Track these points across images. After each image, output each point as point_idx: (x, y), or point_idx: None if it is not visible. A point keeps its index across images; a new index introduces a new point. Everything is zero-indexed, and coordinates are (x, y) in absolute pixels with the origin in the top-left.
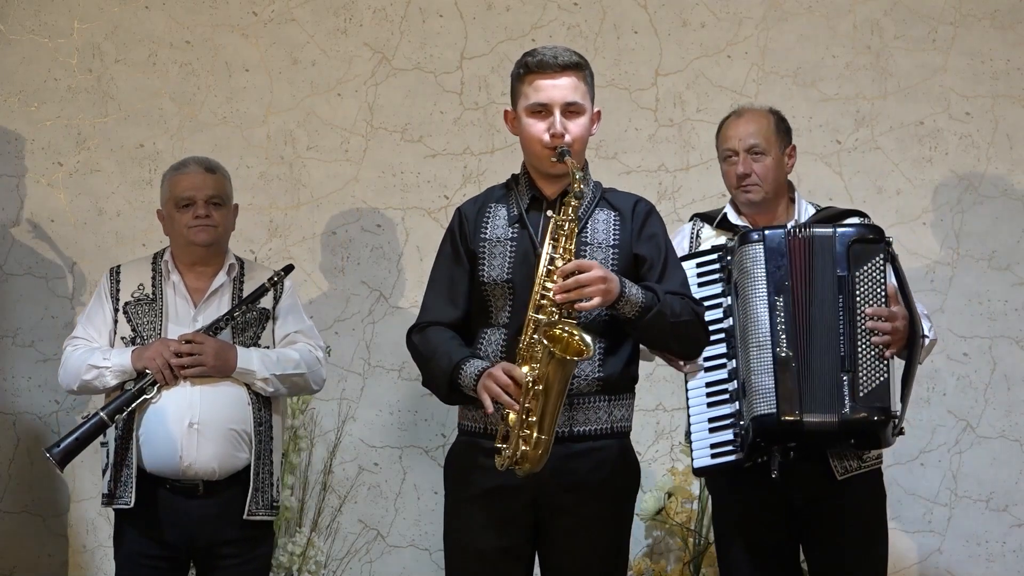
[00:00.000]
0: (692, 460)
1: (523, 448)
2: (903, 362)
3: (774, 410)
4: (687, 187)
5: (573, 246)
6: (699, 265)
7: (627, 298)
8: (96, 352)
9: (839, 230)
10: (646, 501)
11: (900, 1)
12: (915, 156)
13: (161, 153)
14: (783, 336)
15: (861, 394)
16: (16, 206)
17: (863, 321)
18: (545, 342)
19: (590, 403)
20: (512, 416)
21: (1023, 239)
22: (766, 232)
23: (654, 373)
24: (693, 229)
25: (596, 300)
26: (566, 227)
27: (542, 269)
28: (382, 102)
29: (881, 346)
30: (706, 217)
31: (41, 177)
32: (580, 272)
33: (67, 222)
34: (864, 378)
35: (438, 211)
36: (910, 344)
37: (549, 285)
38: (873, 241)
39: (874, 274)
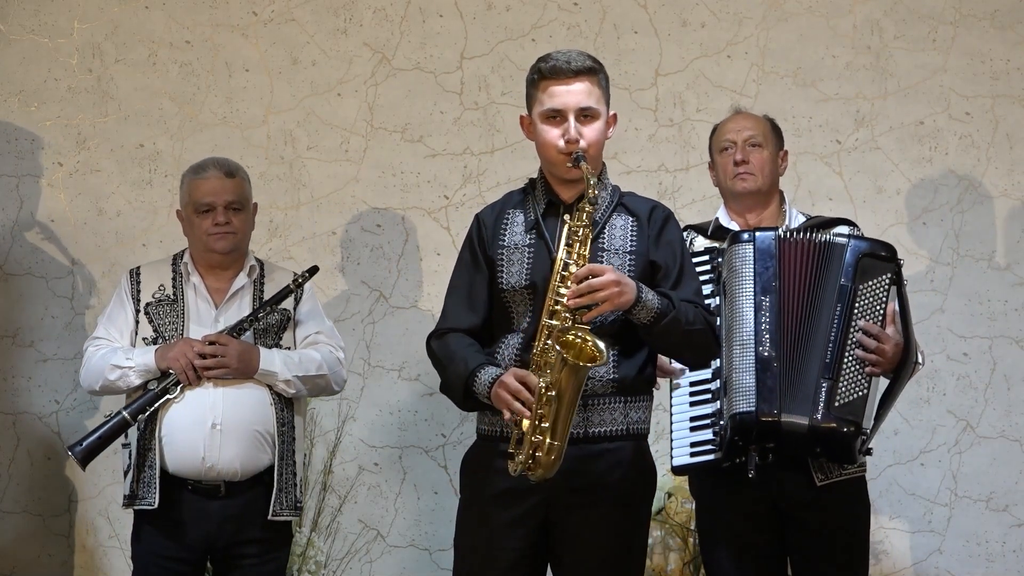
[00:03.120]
0: (671, 458)
1: (537, 454)
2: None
3: (753, 408)
4: (687, 187)
5: (587, 251)
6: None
7: (643, 303)
8: (119, 352)
9: (853, 241)
10: None
11: (900, 1)
12: (915, 156)
13: (161, 153)
14: (767, 336)
15: (836, 403)
16: (16, 206)
17: (854, 333)
18: (558, 348)
19: (605, 404)
20: (525, 422)
21: (1023, 239)
22: (756, 233)
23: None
24: (687, 239)
25: (608, 305)
26: (580, 232)
27: (556, 275)
28: (382, 102)
29: (865, 362)
30: (699, 228)
31: (41, 177)
32: (593, 276)
33: (67, 222)
34: (843, 389)
35: (438, 211)
36: (898, 369)
37: (563, 291)
38: (884, 259)
39: (877, 291)
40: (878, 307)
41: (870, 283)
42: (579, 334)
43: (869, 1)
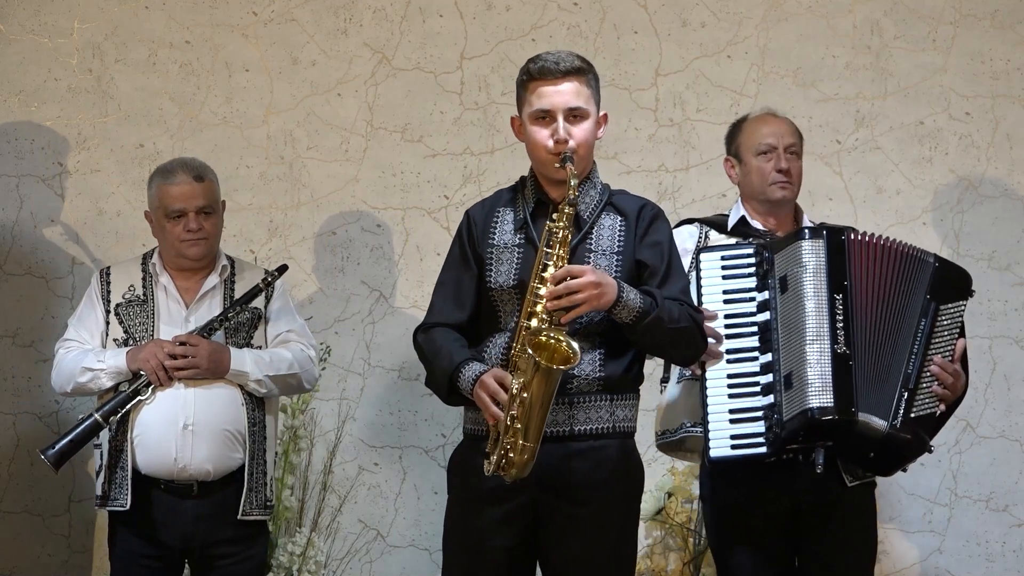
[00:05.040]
0: (708, 450)
1: (509, 455)
2: None
3: (830, 403)
4: (687, 187)
5: (567, 252)
6: (725, 259)
7: (624, 303)
8: (90, 354)
9: (940, 261)
10: (646, 501)
11: (900, 1)
12: (915, 156)
13: (161, 153)
14: (842, 334)
15: (912, 415)
16: (16, 206)
17: (931, 359)
18: (530, 351)
19: (591, 402)
20: (500, 424)
21: (1023, 239)
22: (827, 229)
23: (654, 373)
24: (700, 232)
25: (587, 307)
26: (560, 234)
27: (535, 276)
28: (382, 102)
29: (935, 395)
30: (711, 223)
31: (41, 177)
32: (572, 277)
33: (67, 222)
34: (920, 401)
35: (438, 211)
36: (953, 405)
37: (542, 292)
38: (964, 287)
39: (955, 315)
40: (955, 330)
41: (950, 306)
42: (552, 335)
43: (869, 1)
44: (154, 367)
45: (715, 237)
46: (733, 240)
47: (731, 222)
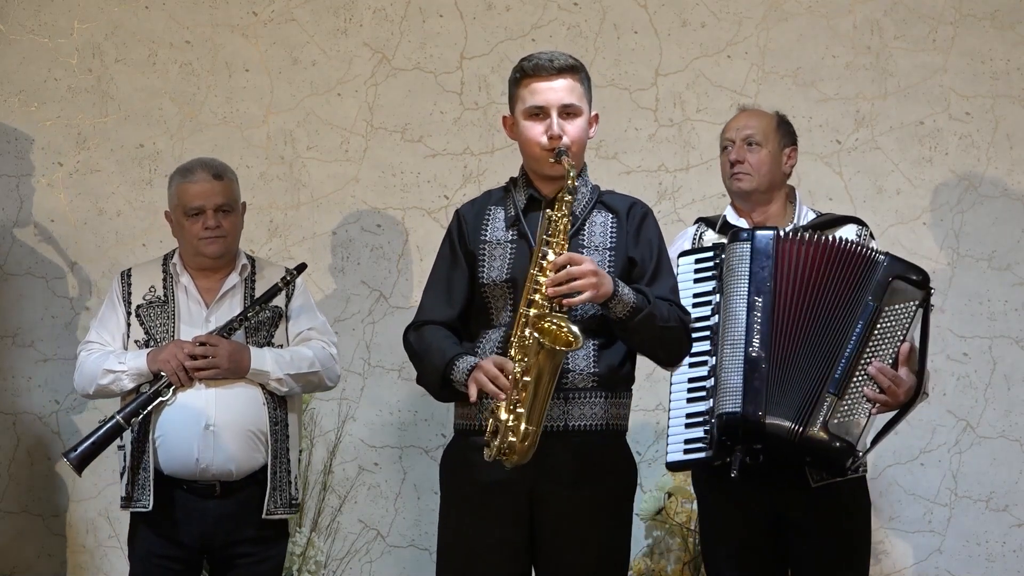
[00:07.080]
0: (666, 454)
1: (511, 439)
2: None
3: (738, 409)
4: (687, 187)
5: (566, 241)
6: (697, 262)
7: (620, 297)
8: (111, 356)
9: (890, 260)
10: (646, 501)
11: (900, 1)
12: (915, 156)
13: (161, 153)
14: (757, 336)
15: (834, 420)
16: (16, 206)
17: (868, 362)
18: (535, 334)
19: (586, 399)
20: (502, 408)
21: (1023, 239)
22: (755, 232)
23: (654, 373)
24: (696, 232)
25: (587, 294)
26: (560, 223)
27: (535, 264)
28: (382, 102)
29: (871, 399)
30: (709, 222)
31: (41, 177)
32: (572, 264)
33: (67, 222)
34: (845, 407)
35: (438, 211)
36: (906, 405)
37: (541, 280)
38: (916, 284)
39: (901, 316)
40: (899, 332)
41: (897, 307)
42: (555, 320)
43: (869, 1)
44: (175, 368)
45: (709, 237)
46: (722, 240)
47: (720, 222)
